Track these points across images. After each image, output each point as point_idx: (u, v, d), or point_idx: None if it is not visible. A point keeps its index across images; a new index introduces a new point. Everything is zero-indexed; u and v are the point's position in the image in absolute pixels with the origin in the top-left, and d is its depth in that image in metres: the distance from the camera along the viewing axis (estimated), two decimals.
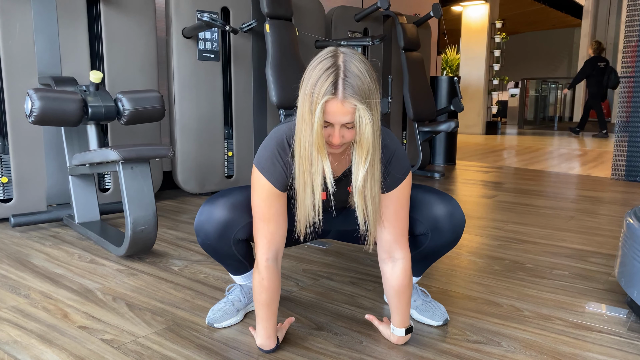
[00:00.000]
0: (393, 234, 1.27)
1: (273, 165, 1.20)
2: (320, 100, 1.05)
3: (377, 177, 1.17)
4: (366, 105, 1.06)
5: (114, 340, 1.38)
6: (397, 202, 1.26)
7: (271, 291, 1.25)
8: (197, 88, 3.28)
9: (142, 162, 1.97)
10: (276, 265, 1.25)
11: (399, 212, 1.26)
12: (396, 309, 1.31)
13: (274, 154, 1.21)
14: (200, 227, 1.34)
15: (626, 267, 1.54)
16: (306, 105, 1.09)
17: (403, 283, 1.28)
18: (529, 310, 1.58)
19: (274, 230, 1.23)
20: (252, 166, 1.25)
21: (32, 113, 2.10)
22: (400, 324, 1.32)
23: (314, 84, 1.07)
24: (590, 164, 5.38)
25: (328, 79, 1.05)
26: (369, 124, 1.08)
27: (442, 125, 4.21)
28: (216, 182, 3.45)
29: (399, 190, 1.26)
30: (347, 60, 1.07)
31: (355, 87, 1.05)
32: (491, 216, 2.88)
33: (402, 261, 1.28)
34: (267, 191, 1.21)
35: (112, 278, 1.86)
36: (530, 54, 18.00)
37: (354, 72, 1.06)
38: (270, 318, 1.27)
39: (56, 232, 2.49)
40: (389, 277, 1.30)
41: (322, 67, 1.07)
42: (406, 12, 5.34)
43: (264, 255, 1.24)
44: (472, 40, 9.52)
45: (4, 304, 1.61)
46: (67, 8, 2.70)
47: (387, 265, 1.30)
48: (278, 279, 1.26)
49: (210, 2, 3.28)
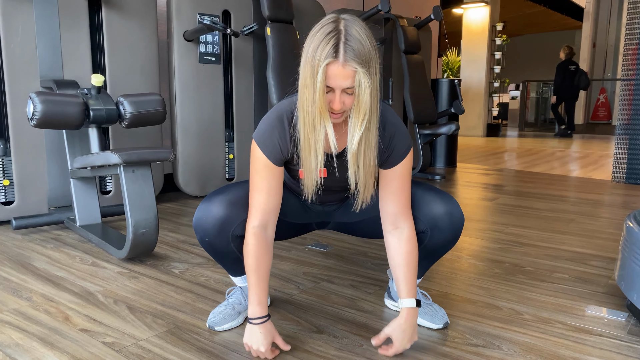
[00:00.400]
0: (398, 206, 1.31)
1: (270, 139, 1.24)
2: (322, 63, 1.08)
3: (373, 143, 1.19)
4: (366, 69, 1.09)
5: (115, 343, 1.38)
6: (401, 176, 1.30)
7: (257, 257, 1.27)
8: (198, 91, 3.29)
9: (144, 165, 1.98)
10: (264, 233, 1.29)
11: (403, 185, 1.31)
12: (404, 277, 1.30)
13: (272, 128, 1.24)
14: (198, 223, 1.36)
15: (626, 270, 1.54)
16: (307, 70, 1.12)
17: (409, 249, 1.31)
18: (529, 314, 1.59)
19: (265, 200, 1.27)
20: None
21: (34, 116, 2.11)
22: (408, 294, 1.29)
23: (315, 48, 1.09)
24: (591, 166, 5.38)
25: (329, 43, 1.08)
26: (367, 88, 1.10)
27: (442, 128, 4.21)
28: (217, 185, 3.46)
29: (403, 164, 1.30)
30: (348, 25, 1.10)
31: (356, 50, 1.08)
32: (491, 219, 2.88)
33: (407, 229, 1.32)
34: (262, 163, 1.26)
35: (113, 281, 1.86)
36: (532, 56, 18.01)
37: (355, 36, 1.09)
38: (259, 284, 1.28)
39: (57, 234, 2.49)
40: (396, 246, 1.32)
41: (324, 32, 1.10)
42: (407, 14, 5.35)
43: (251, 222, 1.28)
44: (473, 43, 9.53)
45: (5, 306, 1.62)
46: (68, 11, 2.71)
47: (392, 236, 1.33)
48: (266, 246, 1.29)
49: (212, 5, 3.29)
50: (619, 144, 4.18)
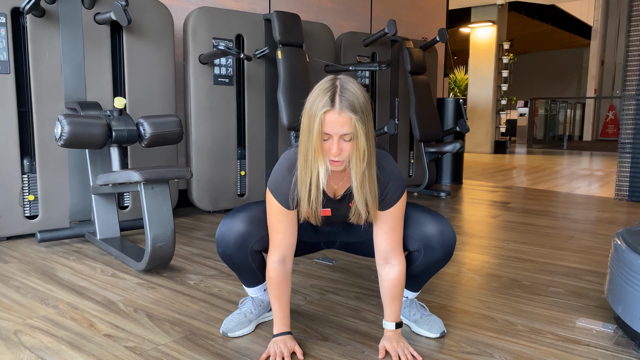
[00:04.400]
0: (390, 245, 1.44)
1: (281, 186, 1.39)
2: (319, 112, 1.23)
3: (374, 177, 1.34)
4: (360, 117, 1.23)
5: (137, 347, 1.50)
6: (393, 218, 1.43)
7: (279, 287, 1.44)
8: (212, 111, 3.45)
9: (162, 183, 2.12)
10: (283, 267, 1.44)
11: (395, 226, 1.44)
12: (389, 306, 1.48)
13: (283, 179, 1.39)
14: (221, 238, 1.51)
15: (613, 284, 1.64)
16: (307, 120, 1.27)
17: (397, 284, 1.46)
18: (522, 325, 1.69)
19: (281, 240, 1.42)
20: (266, 188, 1.44)
21: (61, 137, 2.26)
22: (391, 318, 1.49)
23: (314, 100, 1.25)
24: (596, 184, 5.46)
25: (326, 95, 1.23)
26: (362, 132, 1.25)
27: (447, 146, 4.33)
28: (229, 200, 3.59)
29: (396, 207, 1.42)
30: (343, 82, 1.26)
31: (350, 101, 1.23)
32: (494, 235, 2.98)
33: (398, 266, 1.46)
34: (275, 208, 1.40)
35: (132, 291, 1.99)
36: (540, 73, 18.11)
37: (349, 90, 1.24)
38: (282, 309, 1.46)
39: (79, 247, 2.64)
40: (385, 279, 1.47)
41: (322, 88, 1.26)
42: (413, 36, 5.51)
43: (271, 258, 1.44)
44: (480, 61, 9.67)
45: (35, 313, 1.75)
46: (92, 37, 2.89)
47: (383, 270, 1.47)
48: (285, 277, 1.45)
49: (226, 30, 3.47)
50: (622, 162, 4.25)
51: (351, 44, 4.30)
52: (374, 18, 5.11)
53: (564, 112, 13.96)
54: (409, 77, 4.43)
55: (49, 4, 2.73)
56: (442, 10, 5.95)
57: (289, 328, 1.48)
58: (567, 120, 14.17)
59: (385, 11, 5.22)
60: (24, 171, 2.76)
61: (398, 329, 1.49)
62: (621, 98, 4.25)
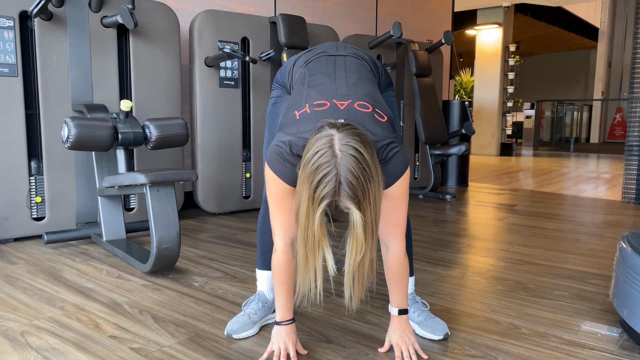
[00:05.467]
0: (387, 226, 1.41)
1: (281, 164, 1.33)
2: (321, 203, 1.17)
3: (367, 265, 1.26)
4: (361, 206, 1.16)
5: (142, 348, 1.51)
6: (395, 197, 1.37)
7: (288, 272, 1.44)
8: (217, 113, 3.46)
9: (168, 185, 2.14)
10: (292, 250, 1.43)
11: (396, 207, 1.38)
12: (390, 291, 1.48)
13: (280, 153, 1.33)
14: (262, 220, 1.67)
15: (618, 288, 1.64)
16: (305, 199, 1.18)
17: (393, 269, 1.44)
18: (526, 328, 1.68)
19: (289, 219, 1.39)
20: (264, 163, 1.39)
21: (68, 139, 2.28)
22: (394, 304, 1.48)
23: (315, 187, 1.16)
24: (603, 186, 5.43)
25: (327, 186, 1.15)
26: (360, 225, 1.18)
27: (453, 149, 4.33)
28: (234, 203, 3.61)
29: (398, 185, 1.35)
30: (343, 161, 1.15)
31: (350, 192, 1.15)
32: (499, 238, 2.97)
33: (393, 251, 1.43)
34: (278, 186, 1.35)
35: (138, 292, 2.00)
36: (546, 75, 18.04)
37: (348, 179, 1.15)
38: (287, 295, 1.46)
39: (85, 248, 2.66)
40: (384, 263, 1.47)
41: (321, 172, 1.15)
42: (418, 39, 5.51)
43: (282, 241, 1.41)
44: (486, 63, 9.65)
45: (41, 314, 1.77)
46: (99, 40, 2.92)
47: (383, 251, 1.47)
48: (293, 262, 1.43)
49: (232, 33, 3.48)
50: (629, 165, 4.23)
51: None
52: (379, 20, 5.11)
53: (570, 114, 13.90)
54: (415, 79, 4.43)
55: (57, 8, 2.76)
56: (447, 13, 5.95)
57: (292, 314, 1.48)
58: (573, 122, 14.11)
59: (391, 13, 5.23)
60: (31, 173, 2.78)
61: (402, 315, 1.47)
62: (628, 100, 4.23)
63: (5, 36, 2.62)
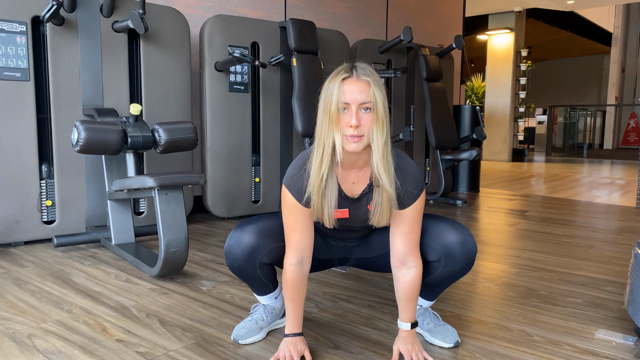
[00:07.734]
0: (408, 246, 1.41)
1: (296, 182, 1.36)
2: (337, 80, 1.26)
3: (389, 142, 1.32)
4: (377, 84, 1.27)
5: (148, 353, 1.50)
6: (412, 217, 1.40)
7: (295, 289, 1.43)
8: (227, 118, 3.47)
9: (176, 189, 2.13)
10: (301, 270, 1.42)
11: (413, 226, 1.41)
12: (404, 307, 1.46)
13: (298, 172, 1.37)
14: (229, 250, 1.49)
15: (634, 295, 1.60)
16: (323, 98, 1.29)
17: (414, 286, 1.44)
18: (539, 336, 1.65)
19: (299, 240, 1.40)
20: (282, 185, 1.43)
21: (78, 142, 2.29)
22: (406, 319, 1.47)
23: (329, 81, 1.29)
24: (617, 192, 5.34)
25: (342, 68, 1.29)
26: (380, 100, 1.27)
27: (463, 154, 4.29)
28: (243, 207, 3.60)
29: (414, 206, 1.39)
30: (357, 62, 1.31)
31: (366, 70, 1.28)
32: (510, 244, 2.93)
33: (415, 269, 1.43)
34: (292, 205, 1.38)
35: (145, 296, 2.00)
36: (559, 81, 17.90)
37: (363, 65, 1.30)
38: (295, 310, 1.45)
39: (94, 252, 2.66)
40: (401, 281, 1.44)
41: (336, 72, 1.30)
42: (429, 43, 5.49)
43: (288, 260, 1.42)
44: (498, 69, 9.60)
45: (49, 317, 1.76)
46: (110, 45, 2.94)
47: (399, 272, 1.44)
48: (302, 280, 1.43)
49: (241, 37, 3.49)
50: None
51: (366, 51, 4.29)
52: (390, 25, 5.10)
53: (583, 120, 13.75)
54: (425, 84, 4.41)
55: (69, 13, 2.78)
56: (458, 17, 5.92)
57: (301, 329, 1.47)
58: (587, 128, 13.95)
59: (401, 18, 5.21)
60: (42, 177, 2.80)
61: (413, 329, 1.48)
62: None
63: (17, 41, 2.64)
